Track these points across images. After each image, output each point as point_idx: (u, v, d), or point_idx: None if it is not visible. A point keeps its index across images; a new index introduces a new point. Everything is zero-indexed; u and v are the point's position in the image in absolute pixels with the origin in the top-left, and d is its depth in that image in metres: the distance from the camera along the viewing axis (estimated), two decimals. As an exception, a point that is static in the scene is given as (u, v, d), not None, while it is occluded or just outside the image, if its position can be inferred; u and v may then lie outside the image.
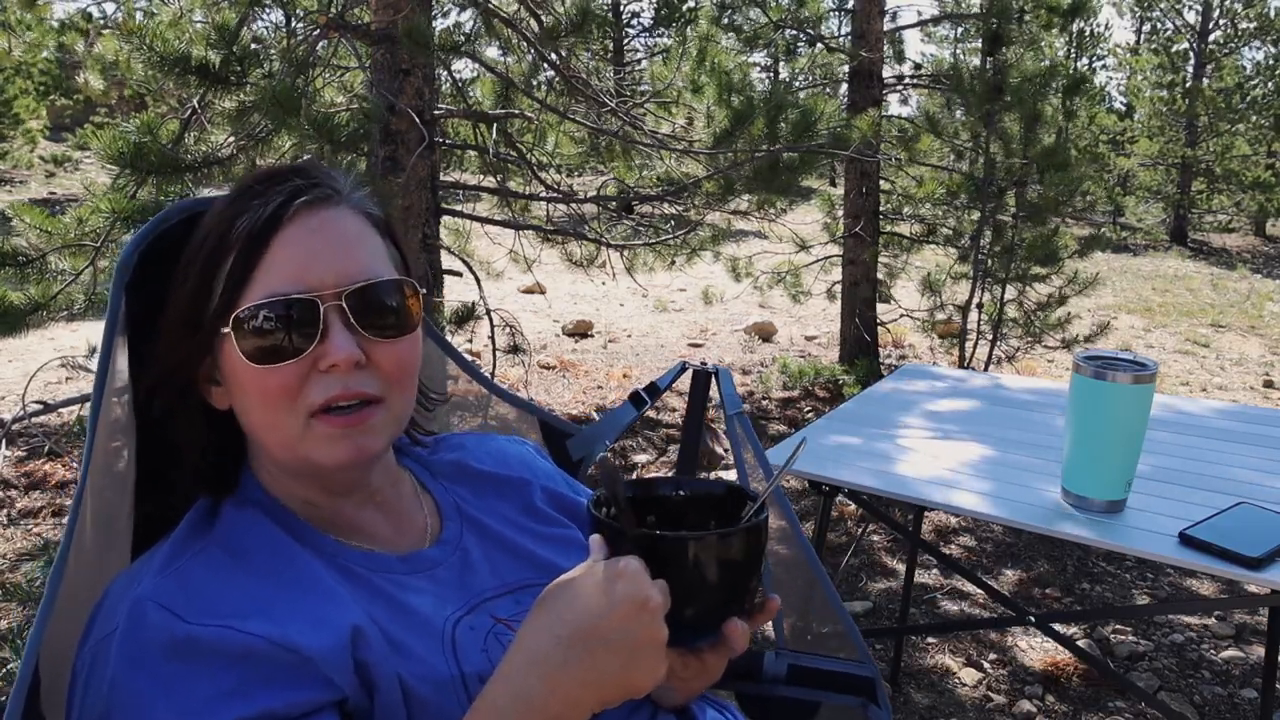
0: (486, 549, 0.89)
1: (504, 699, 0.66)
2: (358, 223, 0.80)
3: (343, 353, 0.74)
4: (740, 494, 0.81)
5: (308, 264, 0.75)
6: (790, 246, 6.19)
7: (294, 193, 0.77)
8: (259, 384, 0.75)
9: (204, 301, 0.77)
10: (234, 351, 0.75)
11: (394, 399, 0.79)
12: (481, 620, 0.82)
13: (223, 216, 0.78)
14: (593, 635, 0.64)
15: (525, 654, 0.66)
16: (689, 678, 0.79)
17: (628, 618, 0.64)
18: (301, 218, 0.76)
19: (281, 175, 0.79)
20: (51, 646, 0.74)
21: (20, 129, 13.87)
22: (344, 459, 0.76)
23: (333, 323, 0.75)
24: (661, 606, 0.65)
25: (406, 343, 0.80)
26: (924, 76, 6.49)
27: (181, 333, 0.78)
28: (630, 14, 14.55)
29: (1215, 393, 6.34)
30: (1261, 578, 1.40)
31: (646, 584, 0.65)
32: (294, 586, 0.74)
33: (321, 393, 0.75)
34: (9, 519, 3.71)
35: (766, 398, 5.88)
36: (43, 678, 0.73)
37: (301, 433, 0.76)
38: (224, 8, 3.63)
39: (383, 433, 0.79)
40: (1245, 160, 15.63)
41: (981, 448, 1.96)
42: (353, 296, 0.76)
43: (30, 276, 2.69)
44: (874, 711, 1.14)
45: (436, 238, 3.56)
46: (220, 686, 0.66)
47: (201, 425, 0.82)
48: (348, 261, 0.77)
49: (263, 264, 0.75)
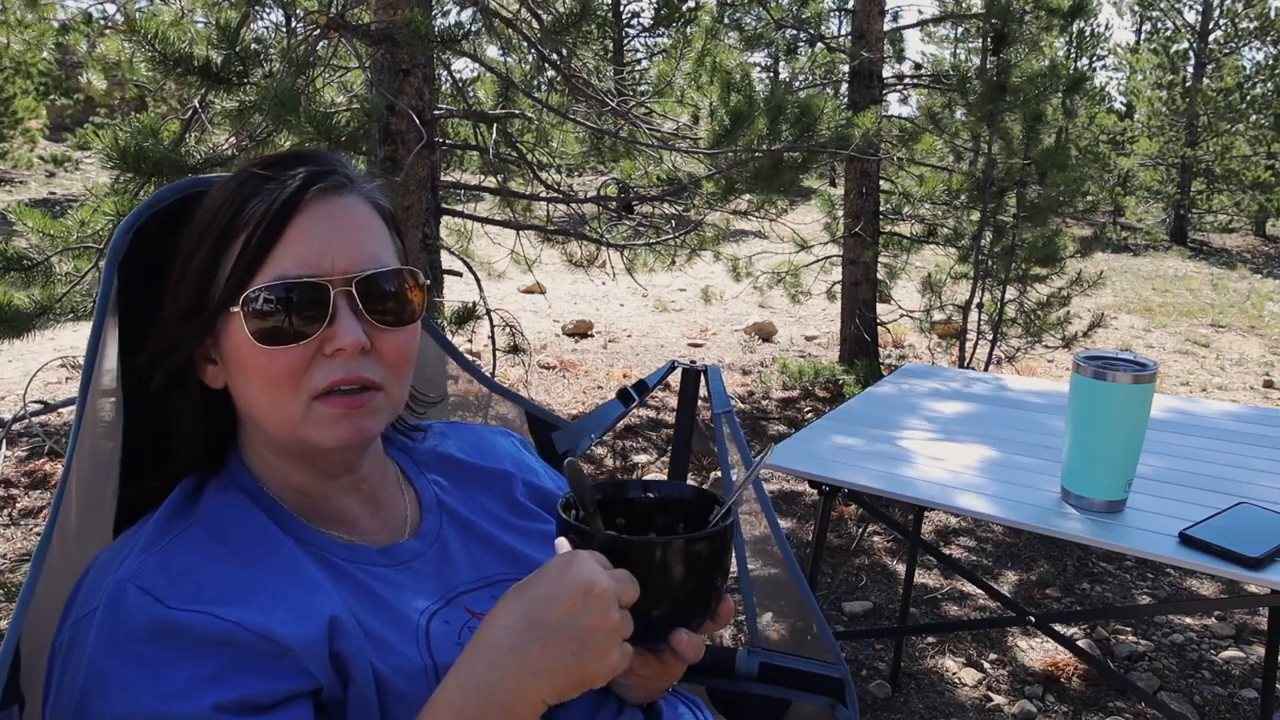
0: (465, 541, 0.90)
1: (455, 690, 0.67)
2: (367, 211, 0.81)
3: (350, 337, 0.75)
4: (709, 497, 0.81)
5: (320, 249, 0.76)
6: (790, 246, 6.19)
7: (310, 178, 0.77)
8: (264, 365, 0.76)
9: (210, 281, 0.77)
10: (240, 332, 0.75)
11: (392, 387, 0.80)
12: (456, 614, 0.82)
13: (234, 197, 0.78)
14: (539, 623, 0.65)
15: (478, 644, 0.67)
16: (648, 676, 0.80)
17: (574, 604, 0.64)
18: (316, 203, 0.77)
19: (293, 160, 0.80)
20: (33, 625, 0.74)
21: (20, 129, 13.86)
22: (344, 439, 0.77)
23: (341, 308, 0.76)
24: (609, 592, 0.65)
25: (408, 332, 0.81)
26: (924, 76, 6.49)
27: (185, 311, 0.78)
28: (630, 14, 14.55)
29: (1215, 393, 6.34)
30: (1261, 578, 1.40)
31: (593, 570, 0.65)
32: (275, 574, 0.75)
33: (325, 376, 0.76)
34: (10, 519, 3.71)
35: (766, 398, 5.88)
36: (23, 657, 0.73)
37: (303, 415, 0.76)
38: (225, 7, 3.64)
39: (380, 416, 0.80)
40: (1245, 160, 15.63)
41: (982, 448, 1.97)
42: (362, 283, 0.77)
43: (35, 279, 2.69)
44: (842, 712, 1.14)
45: (437, 238, 3.56)
46: (199, 672, 0.66)
47: (198, 403, 0.82)
48: (358, 249, 0.78)
49: (276, 247, 0.75)
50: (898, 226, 6.21)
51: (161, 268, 0.83)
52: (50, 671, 0.71)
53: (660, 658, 0.77)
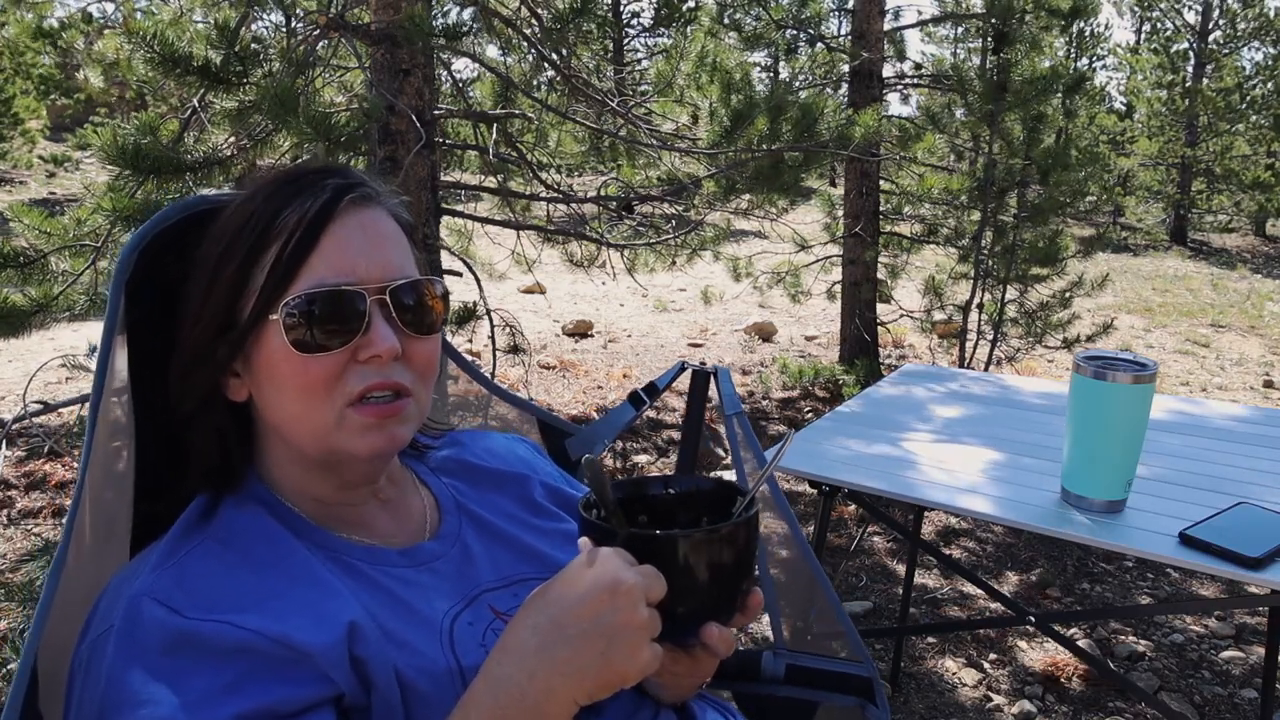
0: (486, 542, 0.90)
1: (484, 692, 0.66)
2: (392, 224, 0.83)
3: (386, 344, 0.76)
4: (730, 489, 0.81)
5: (355, 258, 0.77)
6: (790, 246, 6.19)
7: (340, 190, 0.79)
8: (299, 373, 0.76)
9: (241, 292, 0.77)
10: (274, 340, 0.76)
11: (420, 393, 0.81)
12: (480, 614, 0.82)
13: (263, 210, 0.78)
14: (567, 623, 0.64)
15: (505, 647, 0.67)
16: (680, 674, 0.79)
17: (601, 603, 0.63)
18: (348, 214, 0.78)
19: (318, 173, 0.81)
20: (50, 645, 0.74)
21: (20, 129, 13.86)
22: (376, 447, 0.78)
23: (376, 315, 0.77)
24: (636, 589, 0.64)
25: (433, 341, 0.83)
26: (924, 76, 6.48)
27: (216, 326, 0.78)
28: (630, 14, 14.55)
29: (1215, 393, 6.34)
30: (1261, 578, 1.40)
31: (619, 568, 0.65)
32: (292, 581, 0.74)
33: (359, 382, 0.77)
34: (9, 519, 3.71)
35: (766, 398, 5.88)
36: (41, 677, 0.73)
37: (336, 423, 0.77)
38: (224, 7, 3.64)
39: (411, 424, 0.81)
40: (1245, 160, 15.63)
41: (982, 448, 1.96)
42: (396, 292, 0.79)
43: (32, 278, 2.69)
44: (872, 711, 1.14)
45: (437, 238, 3.56)
46: (218, 682, 0.66)
47: (225, 417, 0.82)
48: (388, 259, 0.79)
49: (311, 255, 0.76)
50: (898, 226, 6.21)
51: (167, 286, 0.83)
52: (70, 690, 0.71)
53: (691, 654, 0.76)
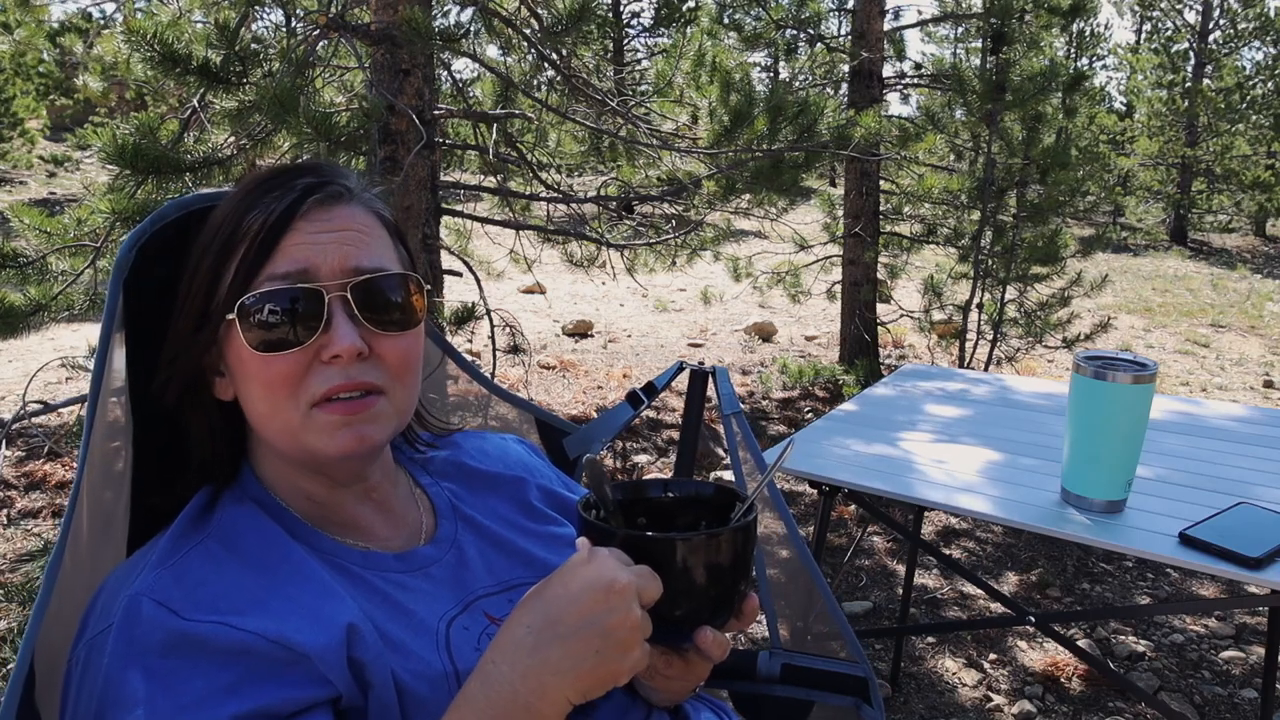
0: (482, 547, 0.90)
1: (478, 691, 0.67)
2: (367, 219, 0.81)
3: (345, 342, 0.75)
4: (730, 494, 0.81)
5: (314, 256, 0.76)
6: (790, 246, 6.19)
7: (307, 190, 0.78)
8: (262, 373, 0.76)
9: (213, 291, 0.78)
10: (239, 340, 0.76)
11: (396, 392, 0.80)
12: (475, 619, 0.82)
13: (235, 210, 0.78)
14: (561, 622, 0.64)
15: (499, 645, 0.67)
16: (673, 677, 0.79)
17: (595, 602, 0.64)
18: (313, 213, 0.78)
19: (293, 172, 0.80)
20: (47, 643, 0.74)
21: (20, 129, 13.86)
22: (346, 447, 0.77)
23: (336, 313, 0.76)
24: (630, 589, 0.64)
25: (409, 337, 0.81)
26: (924, 76, 6.48)
27: (191, 323, 0.79)
28: (630, 14, 14.55)
29: (1215, 393, 6.34)
30: (1261, 578, 1.40)
31: (614, 568, 0.65)
32: (290, 582, 0.74)
33: (323, 383, 0.76)
34: (9, 519, 3.71)
35: (766, 398, 5.88)
36: (38, 674, 0.73)
37: (302, 422, 0.76)
38: (224, 7, 3.63)
39: (385, 423, 0.79)
40: (1245, 160, 15.64)
41: (982, 448, 1.96)
42: (357, 288, 0.77)
43: (31, 277, 2.69)
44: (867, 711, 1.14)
45: (437, 238, 3.56)
46: (216, 683, 0.66)
47: (213, 415, 0.82)
48: (354, 254, 0.78)
49: (273, 255, 0.76)
50: (898, 226, 6.21)
51: (165, 283, 0.84)
52: (66, 688, 0.71)
53: (685, 657, 0.76)
